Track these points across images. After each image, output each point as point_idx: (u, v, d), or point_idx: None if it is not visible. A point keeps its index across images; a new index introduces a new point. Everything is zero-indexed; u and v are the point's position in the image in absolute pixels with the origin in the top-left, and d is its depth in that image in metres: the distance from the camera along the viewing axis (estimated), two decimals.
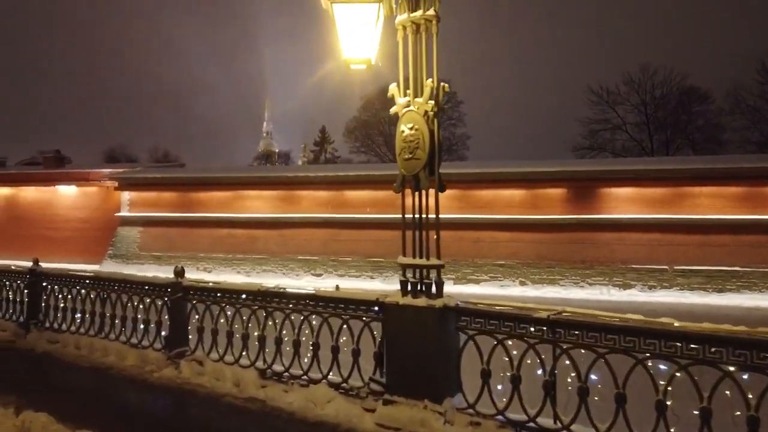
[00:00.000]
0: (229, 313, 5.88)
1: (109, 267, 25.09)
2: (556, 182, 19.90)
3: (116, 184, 27.82)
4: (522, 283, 19.85)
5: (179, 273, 6.47)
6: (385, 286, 21.09)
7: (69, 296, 7.59)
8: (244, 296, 5.80)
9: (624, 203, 19.29)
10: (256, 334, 5.58)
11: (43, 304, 7.93)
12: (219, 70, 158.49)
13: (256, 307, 5.72)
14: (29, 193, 29.80)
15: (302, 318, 5.36)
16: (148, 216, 26.36)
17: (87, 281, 7.50)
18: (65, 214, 29.07)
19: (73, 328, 7.42)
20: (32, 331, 7.66)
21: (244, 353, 5.76)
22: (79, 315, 7.38)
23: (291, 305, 5.50)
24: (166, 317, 6.33)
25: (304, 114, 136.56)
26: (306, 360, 5.34)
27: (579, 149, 45.20)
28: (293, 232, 24.14)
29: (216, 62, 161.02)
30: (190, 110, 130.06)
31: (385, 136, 49.54)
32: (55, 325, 7.73)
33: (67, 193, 28.98)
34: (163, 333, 6.34)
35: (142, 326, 6.60)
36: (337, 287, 5.66)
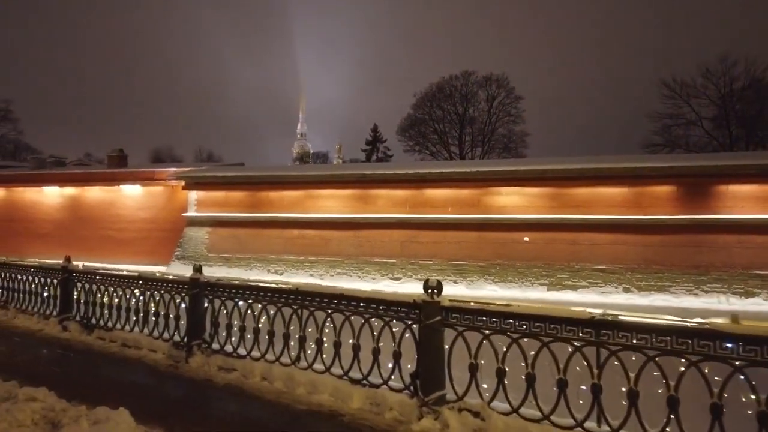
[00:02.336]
0: None
1: (177, 269, 25.42)
2: (665, 179, 18.89)
3: (181, 183, 28.32)
4: (626, 290, 18.90)
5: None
6: (469, 291, 20.55)
7: (248, 312, 6.47)
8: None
9: (745, 202, 18.11)
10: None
11: (208, 321, 6.92)
12: (253, 71, 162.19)
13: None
14: (93, 193, 30.72)
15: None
16: (216, 216, 26.64)
17: (284, 296, 6.13)
18: (129, 214, 29.76)
19: (256, 353, 6.25)
20: (195, 354, 6.59)
21: None
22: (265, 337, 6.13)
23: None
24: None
25: (339, 114, 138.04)
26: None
27: (650, 146, 43.62)
28: (369, 233, 23.86)
29: (250, 63, 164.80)
30: (224, 112, 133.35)
31: (440, 134, 49.13)
32: (228, 348, 6.69)
33: (131, 192, 29.71)
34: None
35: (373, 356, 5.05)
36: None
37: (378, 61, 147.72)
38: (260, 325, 6.21)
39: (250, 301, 6.44)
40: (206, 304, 6.73)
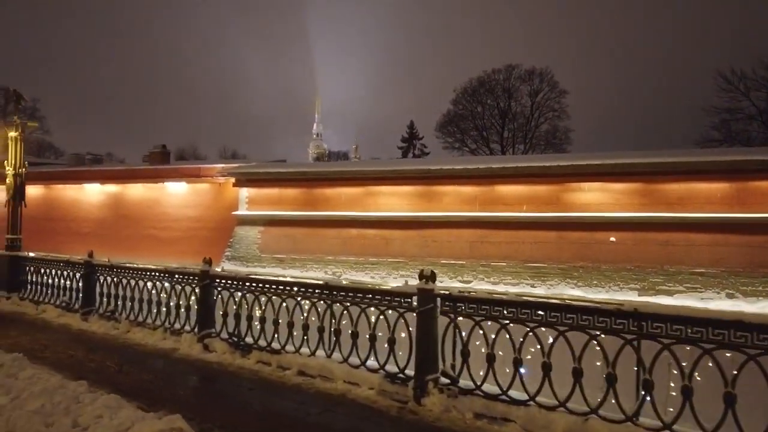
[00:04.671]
0: None
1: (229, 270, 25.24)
2: None
3: (228, 180, 28.10)
4: (730, 296, 18.04)
5: None
6: (550, 295, 19.93)
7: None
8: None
9: None
10: None
11: (444, 350, 5.49)
12: (269, 71, 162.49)
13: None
14: (136, 190, 30.71)
15: None
16: (269, 214, 26.35)
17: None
18: (174, 212, 29.64)
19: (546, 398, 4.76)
20: (431, 394, 5.22)
21: None
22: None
23: None
24: None
25: (357, 113, 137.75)
26: None
27: (707, 141, 42.22)
28: (435, 233, 23.31)
29: (267, 64, 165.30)
30: (240, 112, 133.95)
31: (480, 130, 48.33)
32: (491, 388, 5.11)
33: (176, 190, 29.61)
34: None
35: None
36: None
37: (396, 58, 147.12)
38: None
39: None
40: (446, 324, 5.40)
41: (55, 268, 10.61)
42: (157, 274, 8.55)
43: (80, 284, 9.91)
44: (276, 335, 6.85)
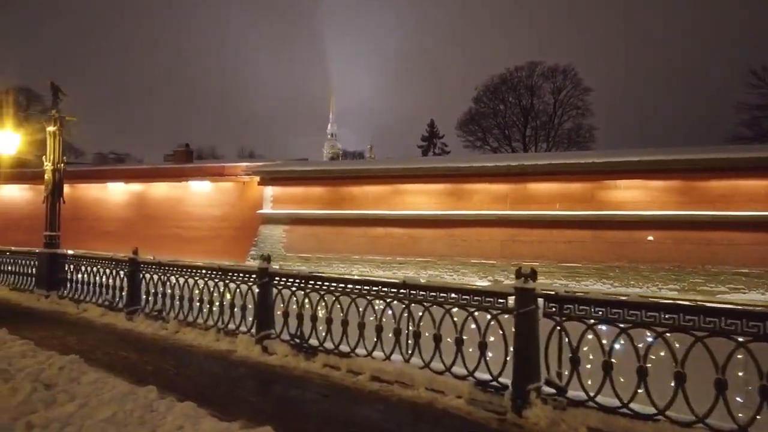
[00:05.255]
0: None
1: None
2: None
3: (253, 178, 27.73)
4: None
5: None
6: None
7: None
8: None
9: None
10: None
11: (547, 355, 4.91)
12: (282, 71, 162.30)
13: None
14: (160, 189, 30.44)
15: None
16: (294, 213, 25.95)
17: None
18: (198, 211, 29.34)
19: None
20: (533, 404, 4.73)
21: None
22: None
23: None
24: None
25: (372, 113, 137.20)
26: None
27: (738, 139, 41.28)
28: (464, 232, 22.78)
29: (280, 64, 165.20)
30: (253, 112, 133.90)
31: (502, 128, 47.66)
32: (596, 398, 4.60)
33: (199, 189, 29.29)
34: None
35: None
36: None
37: (413, 56, 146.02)
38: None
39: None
40: (551, 328, 4.88)
41: (97, 265, 10.21)
42: (208, 272, 8.10)
43: (124, 282, 9.51)
44: (345, 337, 6.37)
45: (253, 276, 7.56)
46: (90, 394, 5.00)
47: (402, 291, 5.92)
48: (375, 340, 6.13)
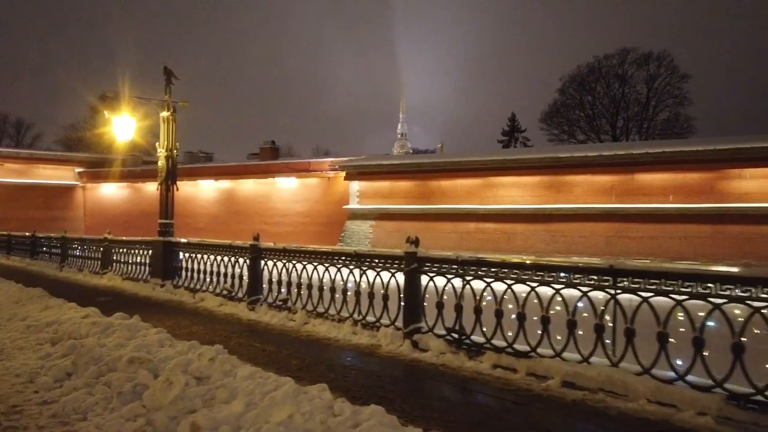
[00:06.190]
0: None
1: None
2: None
3: (337, 174, 27.23)
4: None
5: None
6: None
7: None
8: None
9: None
10: None
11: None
12: (353, 69, 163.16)
13: None
14: (247, 186, 30.59)
15: None
16: (380, 208, 25.20)
17: None
18: (284, 207, 29.22)
19: None
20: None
21: None
22: None
23: None
24: None
25: (442, 111, 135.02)
26: None
27: None
28: (563, 227, 21.20)
29: (352, 63, 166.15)
30: (323, 111, 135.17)
31: (589, 118, 45.04)
32: None
33: (285, 185, 29.16)
34: None
35: None
36: None
37: (486, 51, 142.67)
38: None
39: None
40: None
41: (214, 253, 9.69)
42: (342, 258, 7.28)
43: (244, 270, 8.90)
44: (522, 333, 5.32)
45: (396, 262, 6.65)
46: (253, 390, 4.20)
47: (607, 277, 4.79)
48: (569, 337, 5.01)
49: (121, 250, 13.02)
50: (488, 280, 5.69)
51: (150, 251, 11.64)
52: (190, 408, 4.17)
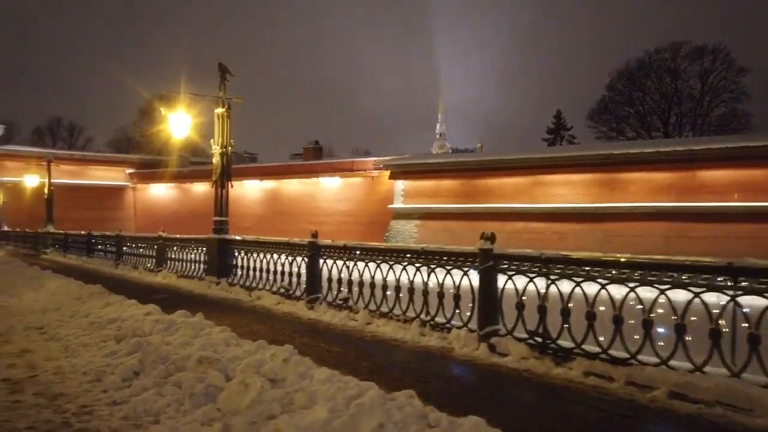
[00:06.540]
0: None
1: None
2: None
3: (381, 173, 26.92)
4: None
5: None
6: None
7: None
8: None
9: None
10: None
11: None
12: (391, 71, 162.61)
13: None
14: (291, 186, 30.65)
15: None
16: (425, 207, 24.78)
17: None
18: (328, 207, 29.12)
19: None
20: None
21: None
22: None
23: None
24: None
25: (481, 110, 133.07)
26: None
27: None
28: (618, 226, 20.30)
29: (390, 64, 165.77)
30: (360, 111, 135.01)
31: (639, 115, 43.37)
32: None
33: (329, 185, 29.07)
34: None
35: None
36: None
37: (526, 49, 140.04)
38: None
39: None
40: None
41: (270, 251, 9.47)
42: (407, 255, 6.90)
43: (301, 268, 8.64)
44: (619, 338, 4.81)
45: (470, 259, 6.23)
46: (334, 395, 3.86)
47: (725, 276, 4.26)
48: (677, 343, 4.49)
49: (175, 248, 13.02)
50: (577, 279, 5.19)
51: (204, 249, 11.54)
52: (268, 413, 3.85)
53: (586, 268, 5.20)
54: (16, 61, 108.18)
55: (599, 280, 5.06)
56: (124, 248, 16.57)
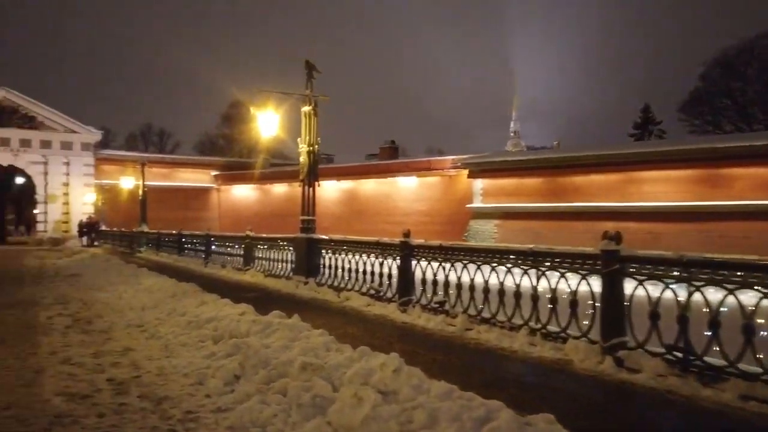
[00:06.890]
0: None
1: None
2: None
3: (459, 173, 26.24)
4: None
5: None
6: None
7: None
8: None
9: None
10: None
11: None
12: (465, 68, 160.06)
13: None
14: (368, 186, 30.61)
15: None
16: (506, 207, 23.87)
17: None
18: (405, 206, 28.77)
19: None
20: None
21: None
22: None
23: None
24: None
25: (558, 107, 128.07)
26: None
27: None
28: (722, 226, 18.52)
29: (463, 61, 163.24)
30: (432, 111, 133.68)
31: (739, 106, 39.82)
32: None
33: (406, 184, 28.73)
34: None
35: None
36: None
37: (606, 43, 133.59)
38: None
39: None
40: None
41: (359, 250, 9.19)
42: (511, 257, 6.34)
43: (392, 270, 8.27)
44: None
45: (589, 261, 5.56)
46: (459, 415, 3.39)
47: None
48: None
49: (262, 247, 13.09)
50: (729, 286, 4.41)
51: (291, 248, 11.46)
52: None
53: (739, 274, 4.40)
54: (111, 70, 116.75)
55: (758, 288, 4.26)
56: (213, 247, 16.97)
